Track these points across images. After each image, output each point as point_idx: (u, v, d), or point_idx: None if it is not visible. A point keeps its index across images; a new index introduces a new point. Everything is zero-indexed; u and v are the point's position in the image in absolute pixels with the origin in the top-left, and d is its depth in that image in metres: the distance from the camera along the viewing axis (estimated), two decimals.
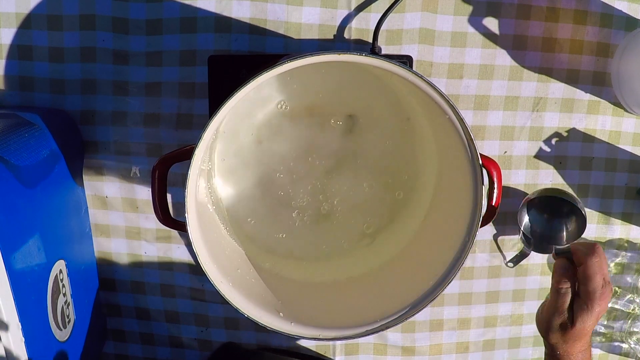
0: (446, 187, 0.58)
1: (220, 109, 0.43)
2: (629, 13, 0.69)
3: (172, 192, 0.67)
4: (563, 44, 0.69)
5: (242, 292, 0.51)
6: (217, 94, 0.61)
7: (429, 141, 0.59)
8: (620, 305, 0.77)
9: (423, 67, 0.67)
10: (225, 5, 0.64)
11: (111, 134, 0.67)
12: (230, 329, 0.74)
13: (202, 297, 0.73)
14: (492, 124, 0.70)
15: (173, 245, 0.71)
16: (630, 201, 0.75)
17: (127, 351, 0.76)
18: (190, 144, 0.47)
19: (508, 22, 0.67)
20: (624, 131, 0.72)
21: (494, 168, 0.53)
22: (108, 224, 0.70)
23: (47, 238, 0.56)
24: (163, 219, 0.52)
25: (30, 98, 0.66)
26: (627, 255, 0.76)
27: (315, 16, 0.65)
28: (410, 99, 0.58)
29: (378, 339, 0.76)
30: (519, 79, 0.69)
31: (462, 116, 0.46)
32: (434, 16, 0.66)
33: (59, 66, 0.65)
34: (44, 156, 0.58)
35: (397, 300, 0.52)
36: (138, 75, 0.66)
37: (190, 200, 0.47)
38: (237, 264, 0.56)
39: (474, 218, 0.50)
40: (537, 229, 0.69)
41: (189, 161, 0.45)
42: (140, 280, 0.72)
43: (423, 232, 0.60)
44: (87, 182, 0.69)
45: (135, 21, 0.64)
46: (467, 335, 0.76)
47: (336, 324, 0.52)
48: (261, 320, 0.51)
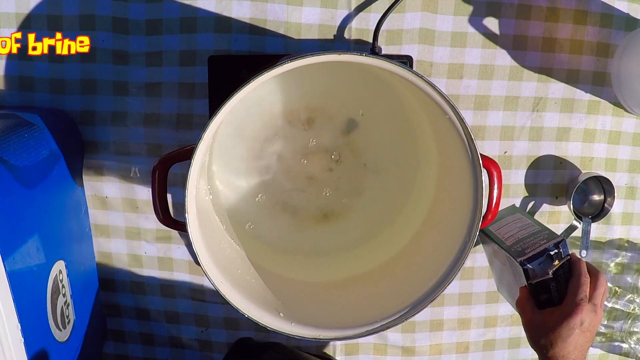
0: (446, 187, 0.57)
1: (221, 109, 0.43)
2: (629, 13, 0.69)
3: (172, 192, 0.67)
4: (563, 44, 0.69)
5: (243, 292, 0.51)
6: (217, 94, 0.61)
7: (429, 141, 0.59)
8: (620, 305, 0.77)
9: (423, 67, 0.67)
10: (225, 5, 0.64)
11: (111, 134, 0.67)
12: (230, 329, 0.74)
13: (202, 297, 0.72)
14: (492, 124, 0.70)
15: (173, 246, 0.71)
16: (630, 201, 0.75)
17: (127, 351, 0.76)
18: (190, 144, 0.47)
19: (508, 22, 0.67)
20: (624, 131, 0.72)
21: (494, 168, 0.53)
22: (108, 224, 0.70)
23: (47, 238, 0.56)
24: (163, 219, 0.52)
25: (30, 98, 0.66)
26: (627, 255, 0.76)
27: (315, 16, 0.65)
28: (410, 99, 0.58)
29: (378, 339, 0.76)
30: (519, 79, 0.69)
31: (462, 116, 0.46)
32: (434, 16, 0.66)
33: (59, 66, 0.65)
34: (43, 156, 0.58)
35: (397, 300, 0.52)
36: (138, 75, 0.66)
37: (190, 201, 0.47)
38: (237, 264, 0.56)
39: (474, 218, 0.50)
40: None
41: (189, 161, 0.45)
42: (140, 280, 0.72)
43: (423, 232, 0.60)
44: (87, 182, 0.68)
45: (135, 21, 0.64)
46: (467, 335, 0.76)
47: (336, 324, 0.52)
48: (261, 320, 0.50)
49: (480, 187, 0.49)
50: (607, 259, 0.76)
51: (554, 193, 0.73)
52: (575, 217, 0.72)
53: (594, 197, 0.74)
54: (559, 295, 0.56)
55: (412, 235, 0.61)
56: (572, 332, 0.53)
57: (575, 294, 0.54)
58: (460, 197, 0.52)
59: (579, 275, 0.55)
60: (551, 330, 0.54)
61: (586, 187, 0.73)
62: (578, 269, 0.56)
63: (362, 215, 0.65)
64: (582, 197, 0.74)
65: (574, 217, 0.72)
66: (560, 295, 0.56)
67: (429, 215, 0.60)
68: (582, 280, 0.55)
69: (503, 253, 0.60)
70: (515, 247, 0.58)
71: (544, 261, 0.56)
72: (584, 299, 0.54)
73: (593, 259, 0.76)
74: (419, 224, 0.61)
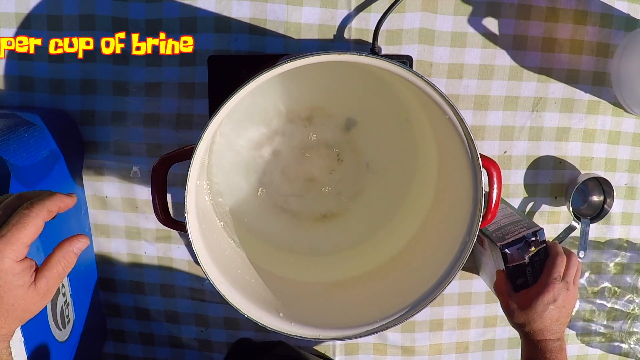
0: (446, 187, 0.57)
1: (221, 109, 0.43)
2: (629, 13, 0.69)
3: (172, 192, 0.67)
4: (563, 44, 0.69)
5: (242, 292, 0.51)
6: (217, 94, 0.61)
7: (428, 141, 0.59)
8: (619, 305, 0.78)
9: (423, 67, 0.67)
10: (225, 5, 0.64)
11: (111, 134, 0.67)
12: (230, 329, 0.74)
13: (202, 297, 0.73)
14: (491, 124, 0.70)
15: (173, 245, 0.71)
16: (630, 201, 0.75)
17: (127, 351, 0.76)
18: (190, 144, 0.47)
19: (508, 22, 0.67)
20: (623, 131, 0.72)
21: (494, 168, 0.53)
22: (108, 224, 0.70)
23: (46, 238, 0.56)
24: (163, 219, 0.52)
25: (30, 98, 0.66)
26: (626, 255, 0.76)
27: (315, 16, 0.65)
28: (410, 99, 0.58)
29: (378, 338, 0.76)
30: (518, 79, 0.69)
31: (462, 116, 0.46)
32: (434, 16, 0.66)
33: (59, 66, 0.65)
34: (43, 156, 0.58)
35: (397, 300, 0.52)
36: (138, 75, 0.66)
37: (190, 201, 0.47)
38: (237, 264, 0.56)
39: (474, 218, 0.50)
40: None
41: (189, 161, 0.45)
42: (140, 280, 0.72)
43: (423, 232, 0.60)
44: (87, 182, 0.68)
45: (135, 21, 0.64)
46: (467, 335, 0.76)
47: (336, 324, 0.52)
48: (261, 320, 0.50)
49: (480, 187, 0.49)
50: (607, 259, 0.76)
51: (553, 193, 0.73)
52: (574, 217, 0.72)
53: (593, 198, 0.74)
54: (534, 280, 0.60)
55: (411, 235, 0.61)
56: (547, 308, 0.57)
57: (549, 273, 0.58)
58: (460, 196, 0.52)
59: (555, 256, 0.59)
60: (527, 307, 0.58)
61: (586, 187, 0.73)
62: (554, 250, 0.60)
63: (362, 215, 0.65)
64: (581, 198, 0.74)
65: (573, 217, 0.72)
66: (535, 280, 0.60)
67: (428, 215, 0.60)
68: (557, 261, 0.59)
69: (486, 239, 0.64)
70: (497, 233, 0.62)
71: (522, 247, 0.60)
72: (557, 278, 0.58)
73: (592, 259, 0.76)
74: (418, 224, 0.61)
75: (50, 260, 0.41)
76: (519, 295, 0.60)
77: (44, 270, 0.41)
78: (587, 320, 0.78)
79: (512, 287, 0.61)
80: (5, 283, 0.38)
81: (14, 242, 0.38)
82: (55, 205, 0.41)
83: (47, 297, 0.41)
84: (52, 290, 0.41)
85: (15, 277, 0.38)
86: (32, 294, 0.39)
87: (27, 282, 0.39)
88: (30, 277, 0.40)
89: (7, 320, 0.38)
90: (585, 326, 0.78)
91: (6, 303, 0.38)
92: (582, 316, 0.78)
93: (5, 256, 0.38)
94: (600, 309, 0.78)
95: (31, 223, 0.39)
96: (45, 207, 0.40)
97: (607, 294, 0.77)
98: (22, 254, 0.39)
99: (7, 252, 0.38)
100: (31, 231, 0.39)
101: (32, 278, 0.40)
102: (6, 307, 0.38)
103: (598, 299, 0.77)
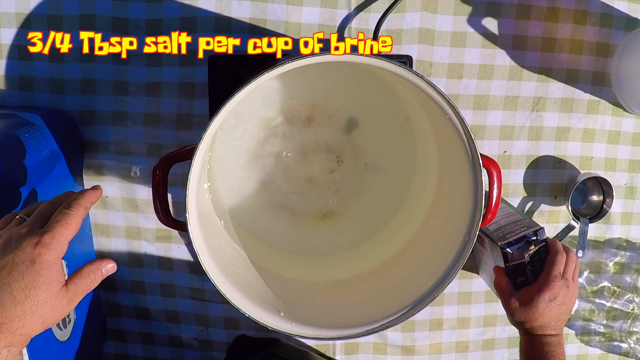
0: (446, 187, 0.58)
1: (221, 109, 0.43)
2: (629, 13, 0.69)
3: (172, 192, 0.67)
4: (563, 44, 0.69)
5: (243, 291, 0.51)
6: (217, 94, 0.61)
7: (428, 141, 0.59)
8: (619, 305, 0.78)
9: (423, 67, 0.67)
10: (225, 5, 0.64)
11: (111, 134, 0.67)
12: (230, 328, 0.74)
13: (202, 296, 0.73)
14: (491, 123, 0.70)
15: (173, 245, 0.71)
16: (630, 201, 0.75)
17: (127, 351, 0.76)
18: (191, 144, 0.47)
19: (508, 22, 0.67)
20: (623, 131, 0.72)
21: (494, 168, 0.53)
22: (108, 223, 0.70)
23: None
24: (164, 219, 0.52)
25: (30, 98, 0.66)
26: (626, 255, 0.76)
27: (315, 16, 0.65)
28: (410, 99, 0.58)
29: (378, 338, 0.76)
30: (518, 78, 0.69)
31: (462, 116, 0.46)
32: (433, 16, 0.66)
33: (59, 66, 0.65)
34: (44, 156, 0.58)
35: (397, 300, 0.52)
36: (138, 75, 0.66)
37: (191, 200, 0.47)
38: (237, 264, 0.56)
39: (474, 218, 0.50)
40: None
41: (190, 161, 0.45)
42: (140, 280, 0.72)
43: (423, 232, 0.60)
44: (87, 182, 0.68)
45: (135, 21, 0.64)
46: (467, 334, 0.76)
47: (336, 324, 0.52)
48: (262, 319, 0.51)
49: (480, 187, 0.49)
50: (606, 258, 0.76)
51: (553, 193, 0.73)
52: (573, 217, 0.72)
53: (592, 197, 0.74)
54: (534, 278, 0.61)
55: (412, 234, 0.61)
56: (548, 305, 0.58)
57: (549, 271, 0.59)
58: (460, 196, 0.52)
59: (555, 254, 0.60)
60: (528, 305, 0.58)
61: (585, 187, 0.74)
62: (554, 248, 0.61)
63: (362, 215, 0.65)
64: (581, 198, 0.74)
65: (572, 217, 0.72)
66: (535, 278, 0.61)
67: (428, 215, 0.60)
68: (558, 259, 0.60)
69: (486, 238, 0.64)
70: (498, 232, 0.63)
71: (522, 246, 0.61)
72: (557, 276, 0.59)
73: (592, 259, 0.76)
74: (418, 224, 0.61)
75: (82, 270, 0.43)
76: (520, 293, 0.60)
77: (75, 277, 0.42)
78: (587, 320, 0.78)
79: (513, 285, 0.61)
80: (47, 276, 0.39)
81: (59, 237, 0.40)
82: (89, 201, 0.44)
83: (72, 304, 0.42)
84: (77, 298, 0.42)
85: (56, 273, 0.40)
86: (63, 294, 0.41)
87: (63, 281, 0.41)
88: (65, 276, 0.41)
89: (33, 317, 0.39)
90: (584, 326, 0.79)
91: (40, 296, 0.39)
92: (582, 316, 0.78)
93: (52, 249, 0.40)
94: (600, 308, 0.78)
95: (73, 220, 0.42)
96: (81, 205, 0.43)
97: (606, 294, 0.78)
98: (64, 250, 0.41)
99: (54, 245, 0.40)
100: (73, 228, 0.42)
101: (65, 279, 0.42)
102: (39, 299, 0.39)
103: (597, 298, 0.78)
